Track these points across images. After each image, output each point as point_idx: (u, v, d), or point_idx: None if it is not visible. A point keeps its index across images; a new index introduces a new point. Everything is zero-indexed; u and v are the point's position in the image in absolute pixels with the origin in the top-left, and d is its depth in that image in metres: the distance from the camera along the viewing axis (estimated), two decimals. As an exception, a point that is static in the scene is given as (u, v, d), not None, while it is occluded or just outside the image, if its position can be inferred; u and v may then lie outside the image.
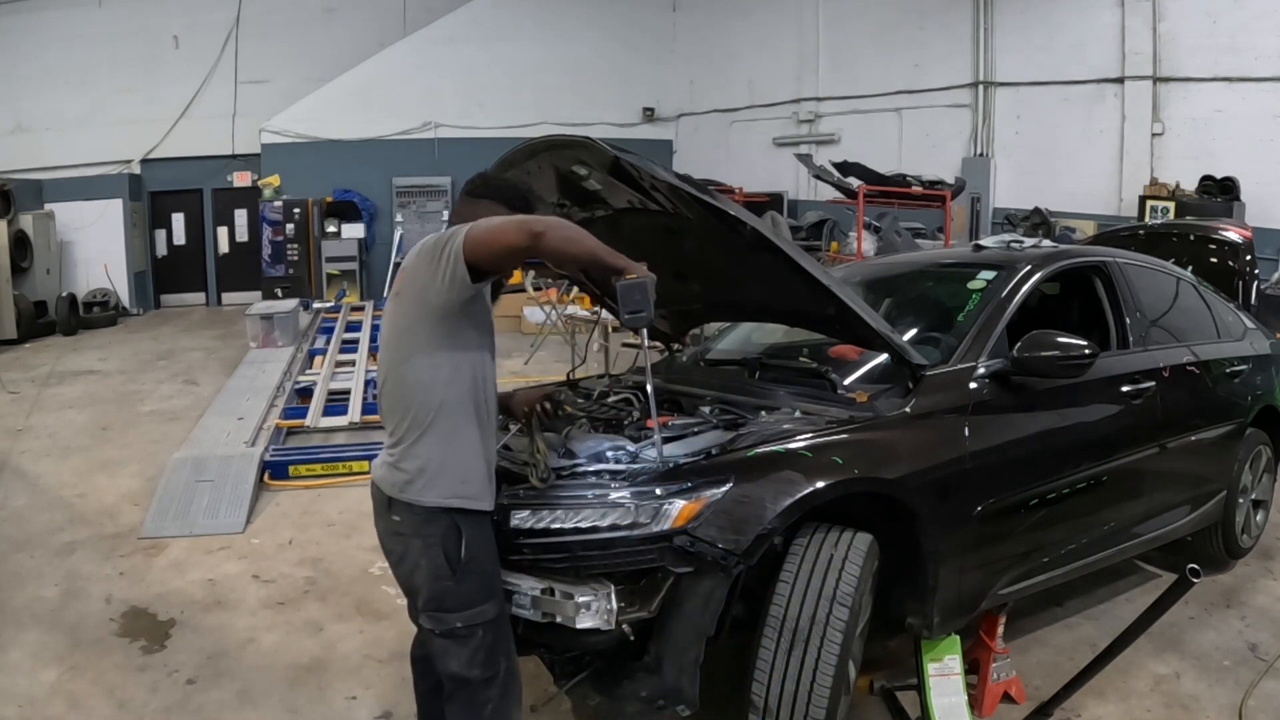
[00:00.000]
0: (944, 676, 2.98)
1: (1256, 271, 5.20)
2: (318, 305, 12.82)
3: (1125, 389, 3.56)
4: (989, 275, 3.56)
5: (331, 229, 14.42)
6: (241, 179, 14.70)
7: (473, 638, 2.31)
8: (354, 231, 14.43)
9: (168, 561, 4.56)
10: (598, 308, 4.48)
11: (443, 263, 2.17)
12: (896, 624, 2.99)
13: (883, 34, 12.78)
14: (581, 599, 2.44)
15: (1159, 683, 3.32)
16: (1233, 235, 5.27)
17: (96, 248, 13.69)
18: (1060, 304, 4.20)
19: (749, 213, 2.82)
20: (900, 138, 12.53)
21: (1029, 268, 3.55)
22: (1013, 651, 3.28)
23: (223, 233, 14.98)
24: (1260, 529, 4.54)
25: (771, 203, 12.75)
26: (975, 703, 3.08)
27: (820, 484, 2.55)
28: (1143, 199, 9.76)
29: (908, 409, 2.90)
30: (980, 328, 3.25)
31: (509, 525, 2.52)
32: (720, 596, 2.44)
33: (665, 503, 2.46)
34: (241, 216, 14.88)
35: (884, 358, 3.21)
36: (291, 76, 14.54)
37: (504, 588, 2.49)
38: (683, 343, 4.10)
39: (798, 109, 14.05)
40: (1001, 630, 3.18)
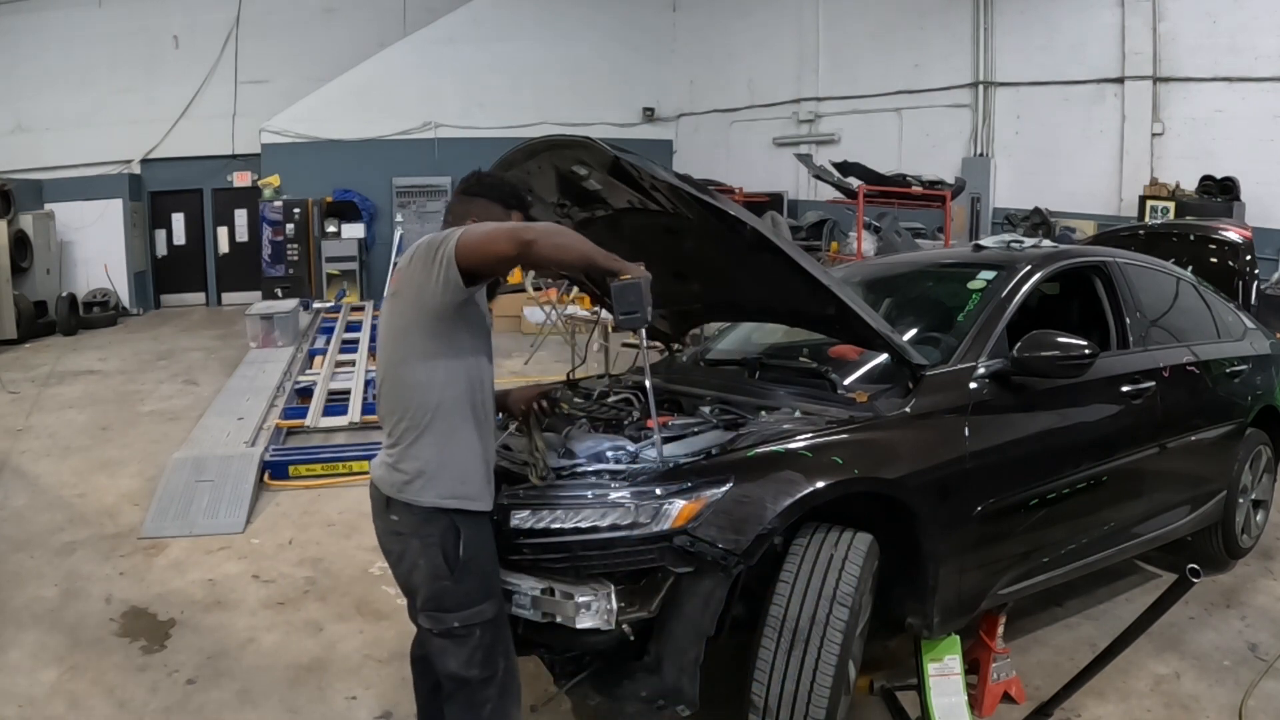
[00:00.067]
0: (944, 676, 2.98)
1: (1256, 271, 5.20)
2: (318, 305, 12.82)
3: (1125, 389, 3.56)
4: (989, 275, 3.56)
5: (331, 229, 14.41)
6: (241, 179, 14.70)
7: (471, 637, 2.31)
8: (354, 231, 14.43)
9: (168, 561, 4.56)
10: (598, 308, 4.48)
11: (436, 266, 2.17)
12: (896, 624, 2.99)
13: (883, 34, 12.78)
14: (581, 599, 2.44)
15: (1159, 683, 3.32)
16: (1233, 235, 5.26)
17: (96, 248, 13.70)
18: (1060, 304, 4.20)
19: (749, 213, 2.81)
20: (900, 138, 12.53)
21: (1029, 268, 3.55)
22: (1013, 651, 3.28)
23: (223, 233, 14.98)
24: (1260, 529, 4.54)
25: (771, 203, 12.75)
26: (975, 703, 3.08)
27: (820, 484, 2.55)
28: (1143, 199, 9.75)
29: (908, 409, 2.90)
30: (980, 328, 3.25)
31: (509, 525, 2.52)
32: (720, 596, 2.44)
33: (665, 503, 2.46)
34: (241, 216, 14.88)
35: (884, 358, 3.21)
36: (291, 76, 14.55)
37: (504, 588, 2.49)
38: (683, 343, 4.10)
39: (798, 109, 14.05)
40: (1001, 630, 3.18)
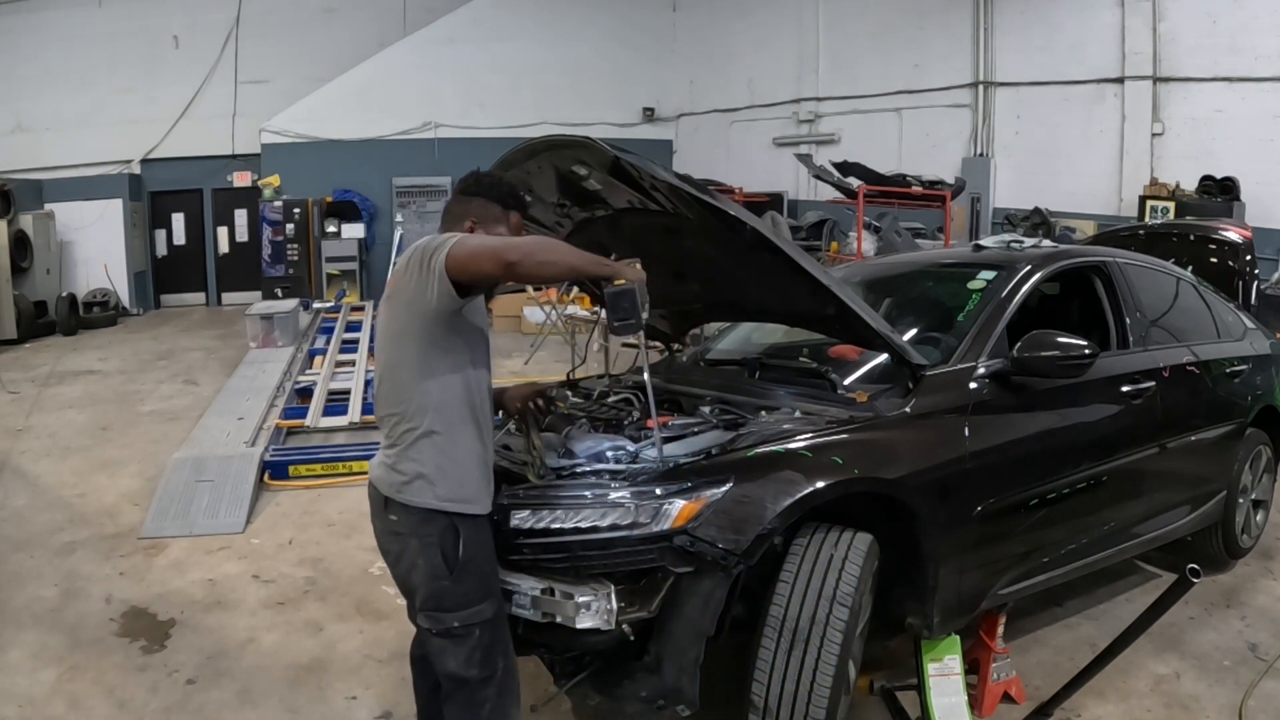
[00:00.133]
0: (944, 676, 2.98)
1: (1256, 271, 5.20)
2: (318, 305, 12.81)
3: (1125, 389, 3.56)
4: (989, 275, 3.56)
5: (331, 229, 14.40)
6: (241, 179, 14.70)
7: (470, 637, 2.31)
8: (354, 231, 14.42)
9: (168, 561, 4.56)
10: (598, 307, 4.48)
11: (429, 275, 2.16)
12: (896, 624, 2.99)
13: (883, 34, 12.77)
14: (581, 599, 2.44)
15: (1159, 683, 3.32)
16: (1233, 235, 5.26)
17: (96, 248, 13.70)
18: (1060, 304, 4.20)
19: (749, 213, 2.81)
20: (900, 138, 12.52)
21: (1029, 268, 3.55)
22: (1013, 651, 3.28)
23: (223, 233, 14.98)
24: (1260, 529, 4.54)
25: (771, 203, 12.74)
26: (975, 703, 3.08)
27: (820, 484, 2.55)
28: (1143, 199, 9.75)
29: (908, 409, 2.90)
30: (980, 328, 3.25)
31: (509, 525, 2.52)
32: (720, 596, 2.44)
33: (665, 503, 2.46)
34: (241, 216, 14.88)
35: (884, 358, 3.21)
36: (291, 76, 14.54)
37: (504, 588, 2.49)
38: (683, 343, 4.10)
39: (798, 109, 14.05)
40: (1001, 630, 3.18)
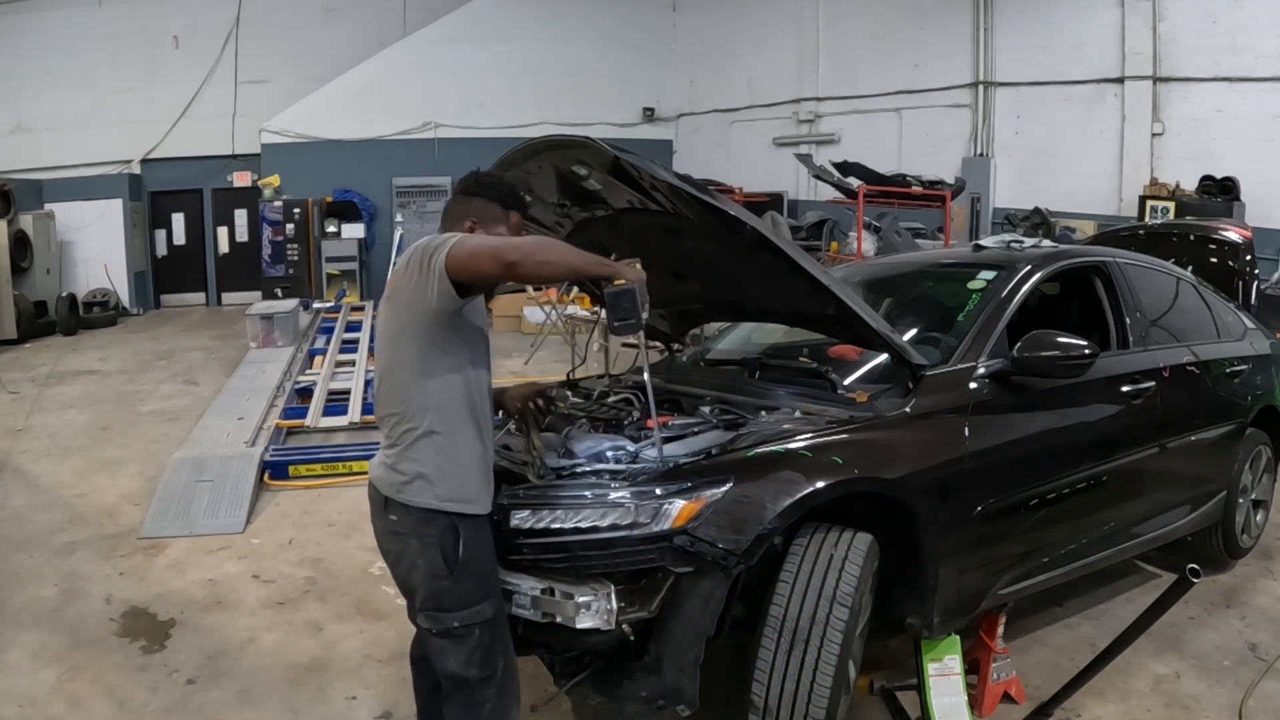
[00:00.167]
0: (944, 676, 2.98)
1: (1256, 271, 5.20)
2: (318, 305, 12.81)
3: (1125, 389, 3.56)
4: (989, 275, 3.56)
5: (331, 229, 14.40)
6: (241, 179, 14.70)
7: (470, 637, 2.32)
8: (354, 231, 14.42)
9: (168, 561, 4.56)
10: (598, 307, 4.48)
11: (429, 275, 2.16)
12: (896, 624, 2.99)
13: (883, 34, 12.77)
14: (581, 599, 2.44)
15: (1159, 683, 3.32)
16: (1233, 235, 5.26)
17: (96, 248, 13.69)
18: (1060, 304, 4.20)
19: (749, 213, 2.81)
20: (900, 138, 12.52)
21: (1029, 268, 3.55)
22: (1013, 651, 3.28)
23: (223, 233, 14.98)
24: (1260, 529, 4.54)
25: (771, 203, 12.74)
26: (975, 703, 3.08)
27: (820, 484, 2.55)
28: (1143, 199, 9.75)
29: (908, 409, 2.90)
30: (980, 328, 3.24)
31: (509, 525, 2.52)
32: (720, 596, 2.44)
33: (665, 503, 2.46)
34: (241, 216, 14.88)
35: (884, 358, 3.21)
36: (291, 76, 14.54)
37: (504, 587, 2.49)
38: (683, 343, 4.10)
39: (798, 109, 14.05)
40: (1001, 630, 3.18)
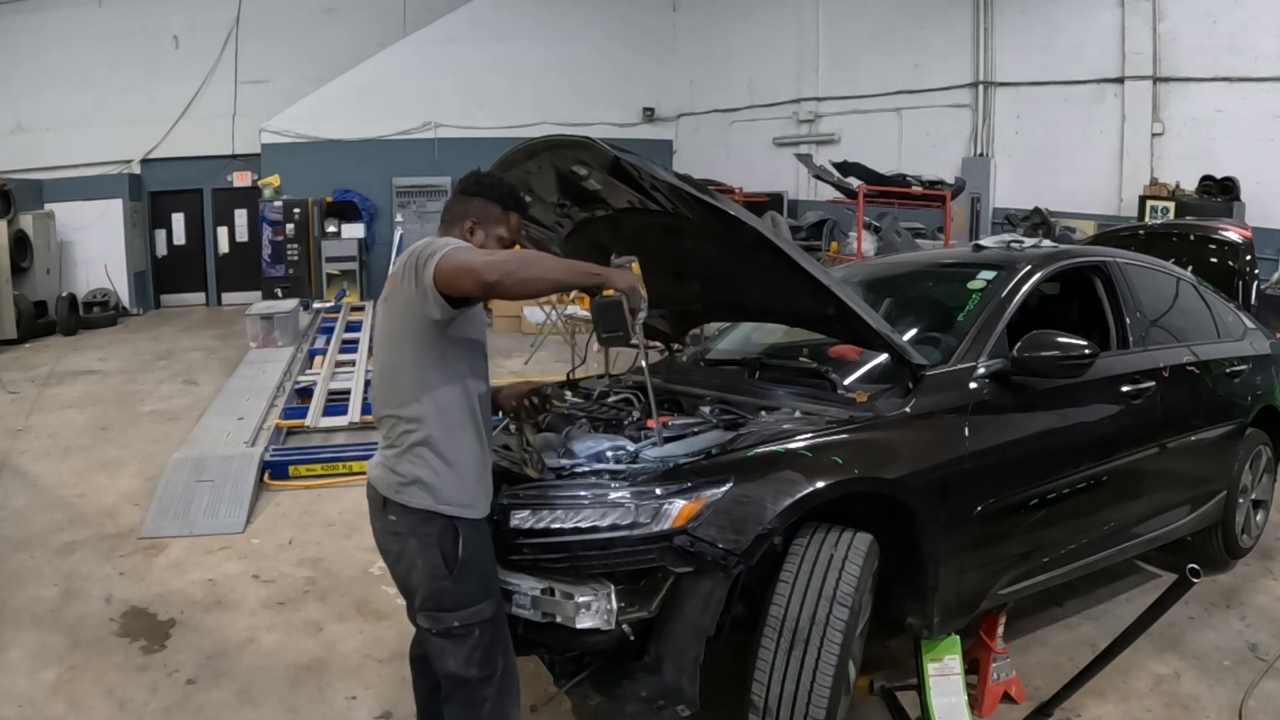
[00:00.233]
0: (944, 676, 2.98)
1: (1256, 271, 5.20)
2: (318, 305, 12.81)
3: (1125, 389, 3.56)
4: (989, 275, 3.56)
5: (331, 229, 14.40)
6: (241, 179, 14.70)
7: (470, 637, 2.32)
8: (354, 231, 14.42)
9: (168, 561, 4.56)
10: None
11: (421, 285, 2.16)
12: (896, 624, 2.99)
13: (883, 34, 12.77)
14: (581, 599, 2.44)
15: (1159, 683, 3.32)
16: (1233, 235, 5.26)
17: (96, 248, 13.69)
18: (1060, 304, 4.20)
19: (749, 213, 2.81)
20: (900, 138, 12.52)
21: (1029, 268, 3.55)
22: (1013, 651, 3.28)
23: (223, 233, 14.98)
24: (1260, 529, 4.54)
25: (771, 203, 12.74)
26: (975, 703, 3.08)
27: (820, 484, 2.55)
28: (1143, 199, 9.74)
29: (908, 409, 2.90)
30: (980, 328, 3.24)
31: (509, 525, 2.52)
32: (720, 596, 2.44)
33: (665, 503, 2.46)
34: (241, 216, 14.87)
35: (884, 358, 3.21)
36: (291, 76, 14.54)
37: (504, 587, 2.49)
38: (683, 343, 4.10)
39: (798, 109, 14.05)
40: (1001, 630, 3.18)
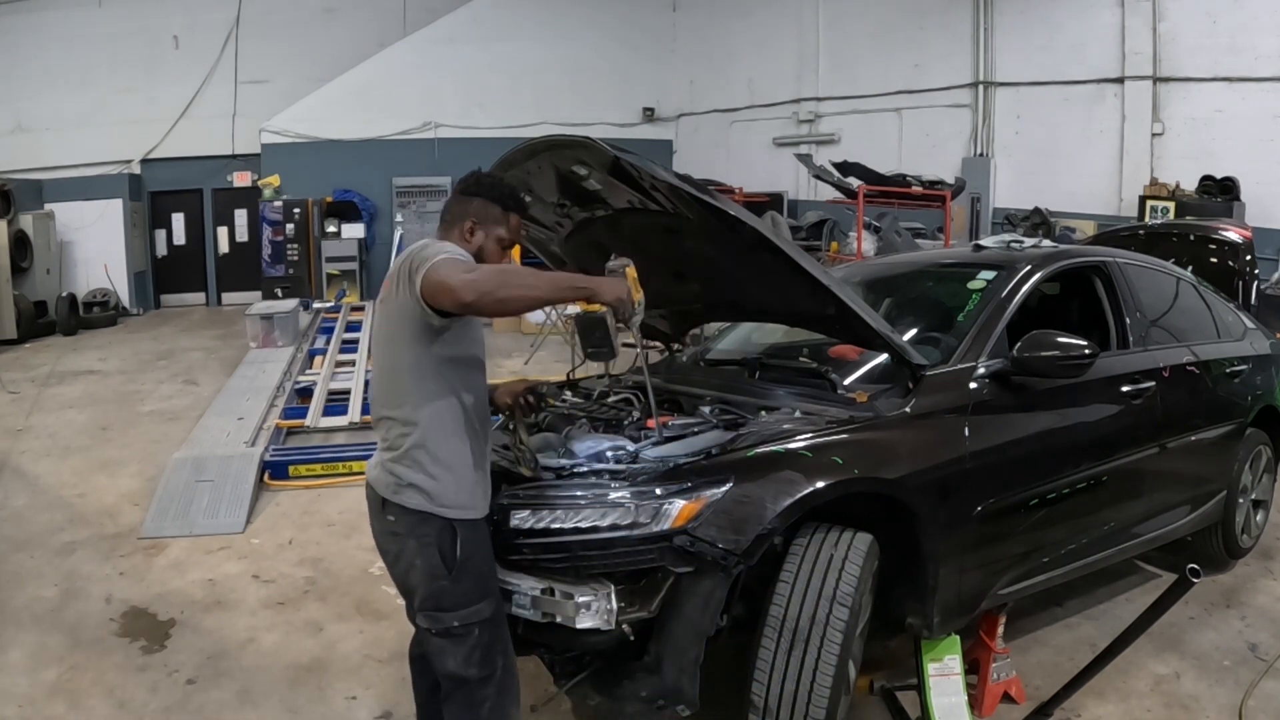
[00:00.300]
0: (944, 676, 2.98)
1: (1256, 271, 5.20)
2: (318, 305, 12.80)
3: (1125, 389, 3.56)
4: (989, 275, 3.56)
5: (331, 229, 14.40)
6: (241, 179, 14.70)
7: (469, 636, 2.32)
8: (354, 231, 14.42)
9: (168, 561, 4.56)
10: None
11: (413, 291, 2.15)
12: (896, 624, 2.99)
13: (883, 34, 12.77)
14: (581, 599, 2.44)
15: (1159, 683, 3.32)
16: (1233, 235, 5.26)
17: (96, 248, 13.69)
18: (1060, 304, 4.20)
19: (749, 213, 2.81)
20: (900, 138, 12.52)
21: (1029, 268, 3.55)
22: (1013, 651, 3.28)
23: (223, 233, 14.98)
24: (1260, 529, 4.54)
25: (771, 203, 12.73)
26: (975, 703, 3.08)
27: (820, 484, 2.55)
28: (1143, 199, 9.74)
29: (908, 409, 2.90)
30: (980, 328, 3.24)
31: (509, 525, 2.52)
32: (720, 596, 2.44)
33: (665, 503, 2.46)
34: (241, 216, 14.87)
35: (884, 358, 3.21)
36: (291, 76, 14.54)
37: (504, 587, 2.49)
38: (683, 343, 4.10)
39: (798, 109, 14.05)
40: (1001, 630, 3.18)
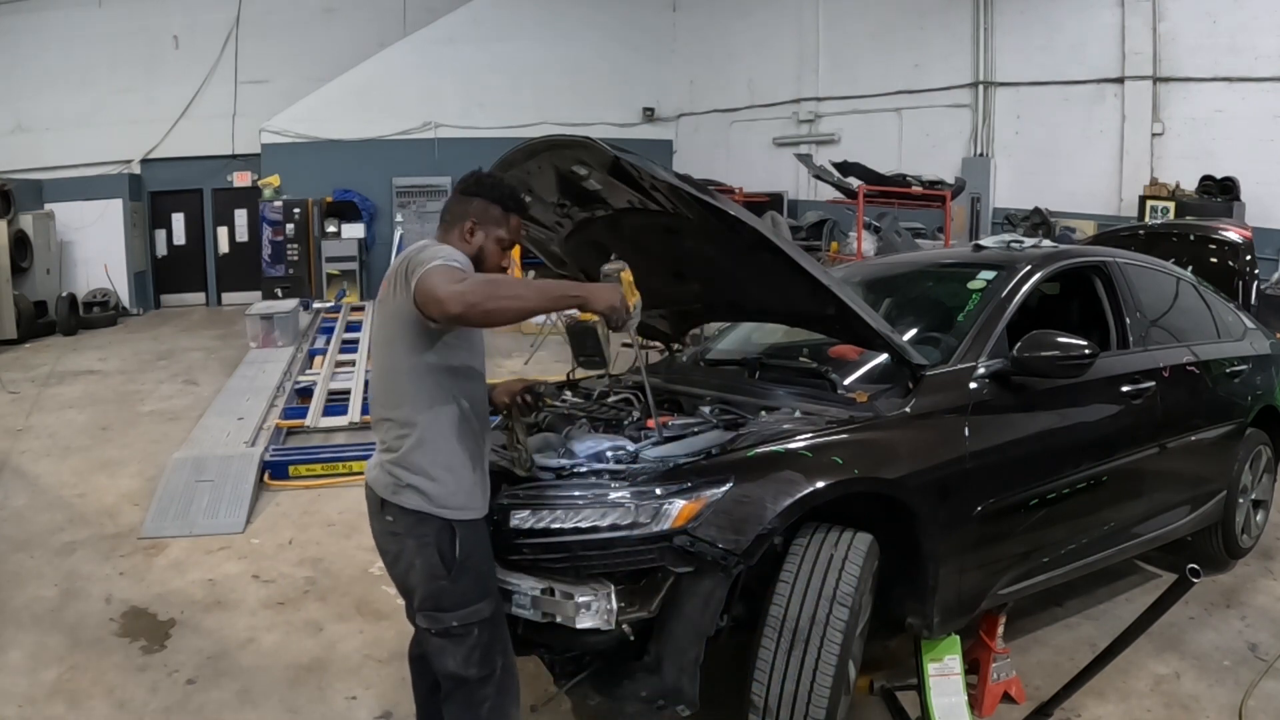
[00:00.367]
0: (944, 676, 2.98)
1: (1256, 271, 5.20)
2: (318, 305, 12.80)
3: (1125, 389, 3.56)
4: (989, 275, 3.56)
5: (331, 229, 14.40)
6: (241, 179, 14.70)
7: (469, 636, 2.32)
8: (354, 231, 14.43)
9: (168, 561, 4.56)
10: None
11: (409, 296, 2.15)
12: (896, 624, 2.99)
13: (883, 34, 12.78)
14: (581, 599, 2.44)
15: (1159, 683, 3.32)
16: (1233, 235, 5.26)
17: (96, 248, 13.69)
18: (1060, 304, 4.20)
19: (749, 213, 2.81)
20: (900, 138, 12.52)
21: (1029, 268, 3.55)
22: (1013, 651, 3.28)
23: (223, 233, 14.98)
24: (1260, 529, 4.54)
25: (771, 203, 12.74)
26: (975, 703, 3.08)
27: (820, 484, 2.55)
28: (1143, 199, 9.75)
29: (908, 409, 2.90)
30: (980, 328, 3.24)
31: (509, 525, 2.52)
32: (720, 596, 2.44)
33: (665, 502, 2.46)
34: (241, 216, 14.88)
35: (884, 358, 3.21)
36: (291, 76, 14.55)
37: (503, 587, 2.49)
38: (683, 343, 4.10)
39: (798, 109, 14.05)
40: (1001, 630, 3.18)
